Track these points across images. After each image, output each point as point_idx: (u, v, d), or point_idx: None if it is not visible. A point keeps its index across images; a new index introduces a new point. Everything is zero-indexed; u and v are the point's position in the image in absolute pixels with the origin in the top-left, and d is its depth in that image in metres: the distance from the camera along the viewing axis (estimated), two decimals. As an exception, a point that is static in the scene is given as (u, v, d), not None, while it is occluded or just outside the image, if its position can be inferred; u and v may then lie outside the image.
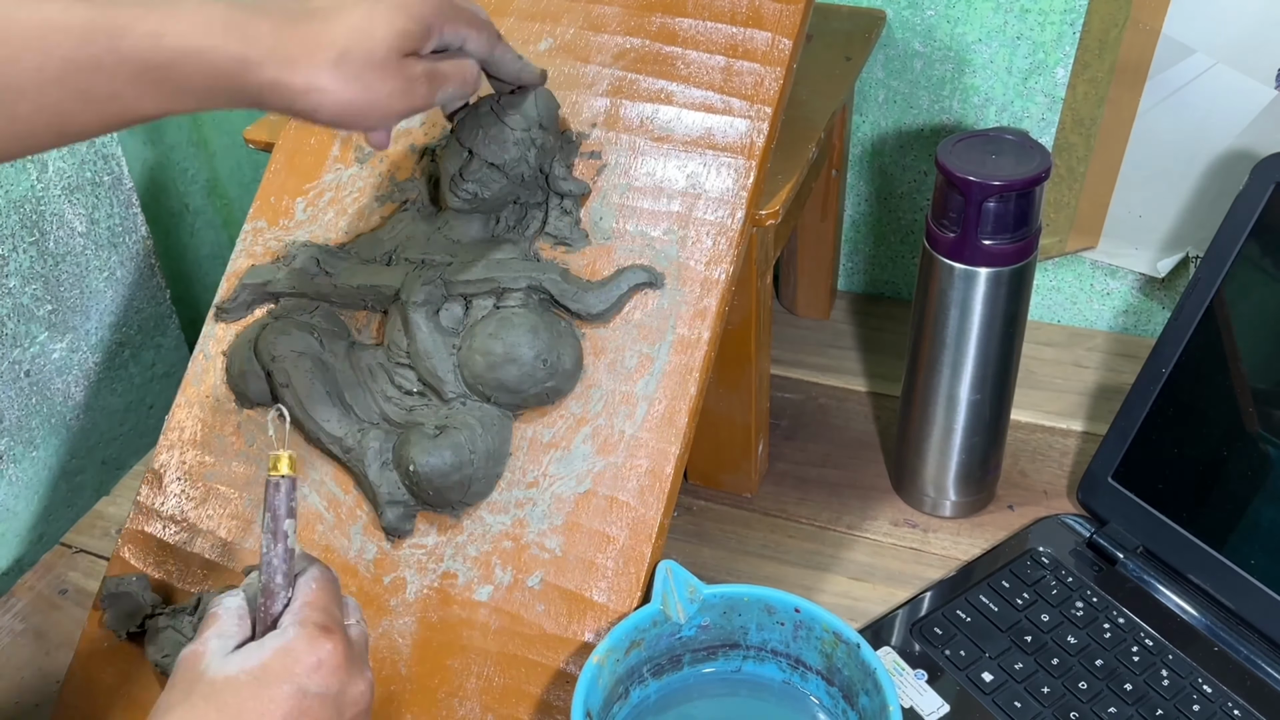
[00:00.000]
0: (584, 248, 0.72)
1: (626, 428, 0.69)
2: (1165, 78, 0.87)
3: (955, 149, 0.73)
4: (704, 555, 0.84)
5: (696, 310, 0.69)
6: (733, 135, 0.71)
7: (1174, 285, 0.98)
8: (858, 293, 1.10)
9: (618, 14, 0.75)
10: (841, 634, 0.64)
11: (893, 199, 1.04)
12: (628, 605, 0.66)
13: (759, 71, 0.72)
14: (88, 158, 0.97)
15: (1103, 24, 0.88)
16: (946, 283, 0.75)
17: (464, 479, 0.68)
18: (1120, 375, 0.97)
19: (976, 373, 0.78)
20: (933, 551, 0.83)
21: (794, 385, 0.99)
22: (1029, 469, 0.89)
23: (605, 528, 0.68)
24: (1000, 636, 0.75)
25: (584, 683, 0.61)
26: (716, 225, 0.70)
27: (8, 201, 0.90)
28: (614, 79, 0.74)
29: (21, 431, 0.94)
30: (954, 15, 0.92)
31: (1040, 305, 1.04)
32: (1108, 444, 0.82)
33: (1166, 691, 0.71)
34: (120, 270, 1.02)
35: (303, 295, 0.75)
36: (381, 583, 0.71)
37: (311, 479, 0.73)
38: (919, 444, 0.83)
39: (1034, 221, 0.73)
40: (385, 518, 0.70)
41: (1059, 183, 0.95)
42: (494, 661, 0.68)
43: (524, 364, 0.69)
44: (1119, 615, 0.76)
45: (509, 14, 0.77)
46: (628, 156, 0.73)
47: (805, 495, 0.88)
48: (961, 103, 0.96)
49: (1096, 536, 0.80)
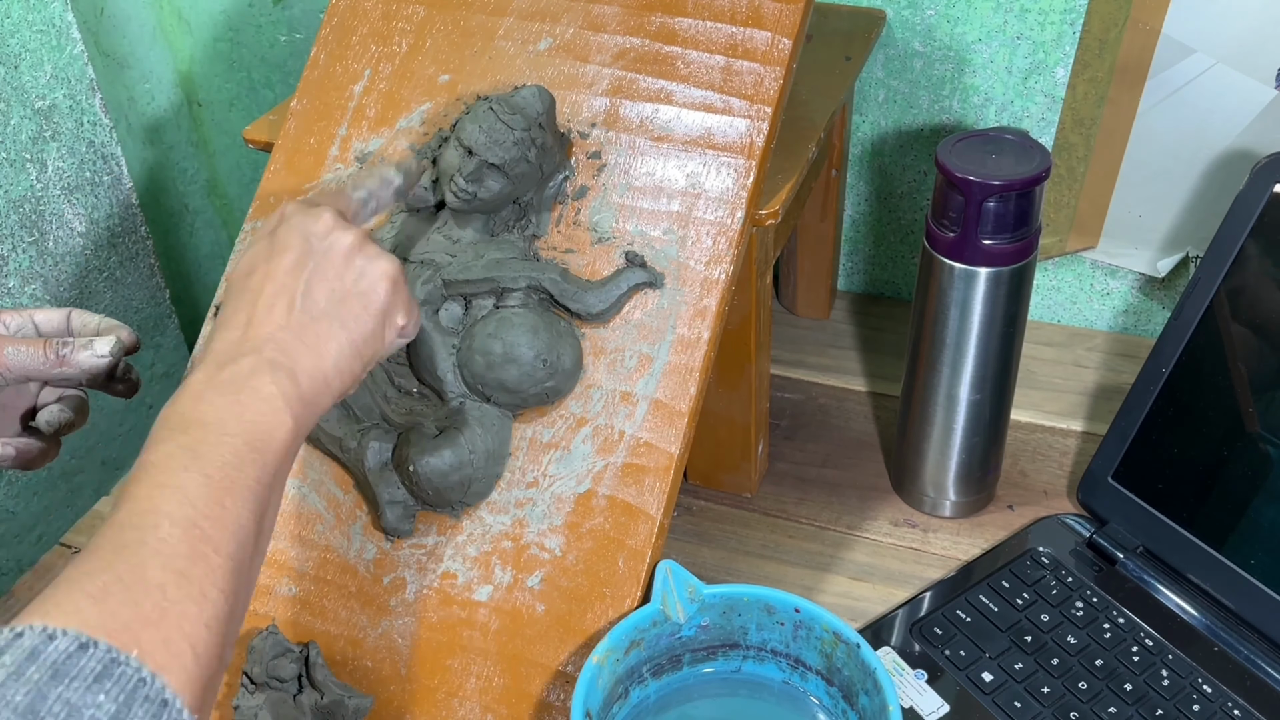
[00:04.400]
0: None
1: (626, 428, 0.69)
2: (1165, 78, 0.87)
3: (955, 149, 0.73)
4: (704, 555, 0.84)
5: (696, 310, 0.69)
6: (733, 135, 0.71)
7: (1174, 285, 0.98)
8: (858, 293, 1.10)
9: (617, 13, 0.75)
10: (841, 634, 0.64)
11: (893, 199, 1.04)
12: (627, 605, 0.66)
13: (759, 71, 0.71)
14: (87, 158, 0.97)
15: (1103, 24, 0.88)
16: (946, 283, 0.75)
17: (464, 479, 0.68)
18: (1120, 375, 0.97)
19: (976, 373, 0.78)
20: (933, 551, 0.83)
21: (794, 385, 0.99)
22: (1029, 469, 0.89)
23: (605, 528, 0.68)
24: (1000, 636, 0.75)
25: (584, 683, 0.61)
26: (716, 225, 0.70)
27: (8, 201, 0.90)
28: (614, 79, 0.74)
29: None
30: (954, 15, 0.92)
31: (1040, 305, 1.04)
32: (1108, 444, 0.82)
33: (1166, 691, 0.71)
34: (120, 270, 1.02)
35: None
36: (381, 583, 0.71)
37: (311, 479, 0.73)
38: (919, 444, 0.83)
39: (1034, 221, 0.73)
40: (385, 518, 0.70)
41: (1059, 183, 0.95)
42: (494, 661, 0.68)
43: (524, 364, 0.69)
44: (1119, 615, 0.76)
45: (509, 13, 0.77)
46: (627, 156, 0.73)
47: (805, 495, 0.88)
48: (961, 103, 0.96)
49: (1096, 536, 0.80)
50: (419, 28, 0.78)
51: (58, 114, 0.93)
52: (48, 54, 0.92)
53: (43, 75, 0.91)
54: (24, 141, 0.91)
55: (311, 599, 0.72)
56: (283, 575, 0.72)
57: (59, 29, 0.92)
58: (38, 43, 0.91)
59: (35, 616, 0.42)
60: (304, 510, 0.73)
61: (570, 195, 0.73)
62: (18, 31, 0.89)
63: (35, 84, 0.91)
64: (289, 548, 0.73)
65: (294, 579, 0.72)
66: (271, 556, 0.73)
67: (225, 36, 1.16)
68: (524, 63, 0.75)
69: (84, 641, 0.41)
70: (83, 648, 0.41)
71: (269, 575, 0.73)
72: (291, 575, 0.72)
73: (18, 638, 0.41)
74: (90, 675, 0.40)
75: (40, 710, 0.39)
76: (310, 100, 0.80)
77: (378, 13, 0.80)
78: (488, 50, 0.76)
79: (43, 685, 0.39)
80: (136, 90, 1.14)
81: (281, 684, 0.69)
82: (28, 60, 0.90)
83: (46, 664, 0.40)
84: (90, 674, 0.40)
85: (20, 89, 0.90)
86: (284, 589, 0.72)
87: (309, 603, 0.72)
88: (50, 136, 0.93)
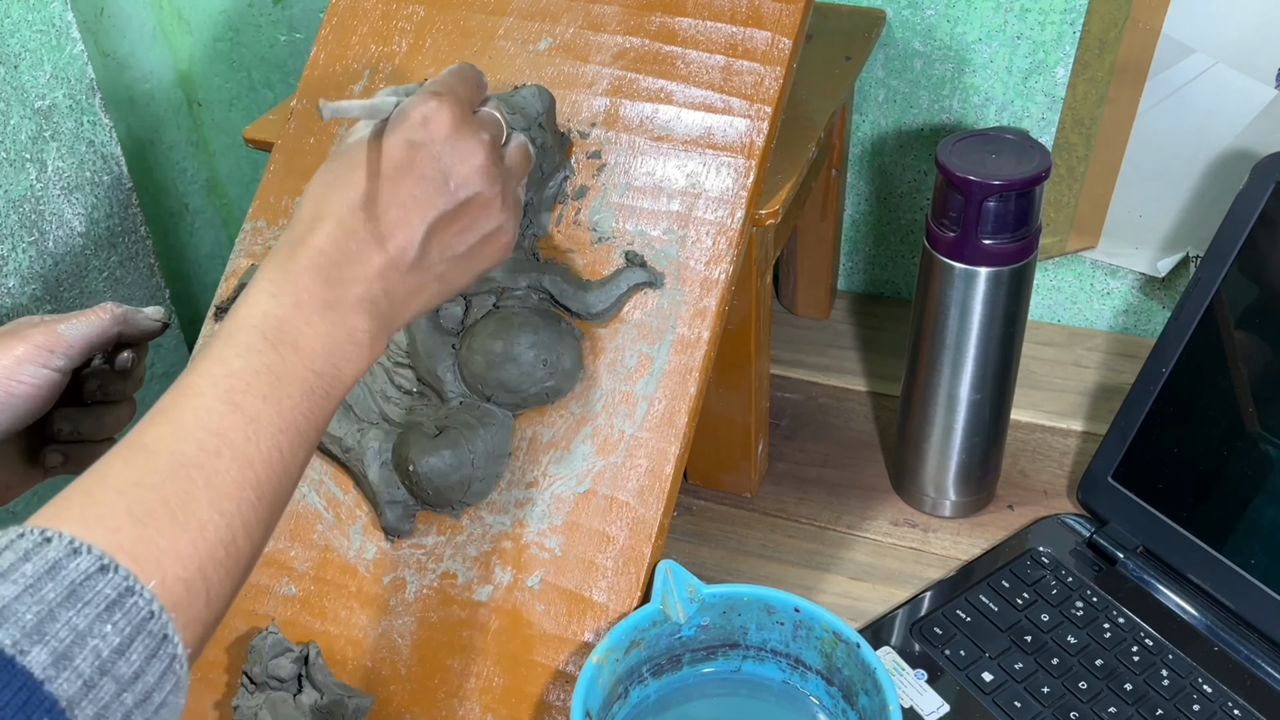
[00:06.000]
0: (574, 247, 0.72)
1: (626, 427, 0.69)
2: (1165, 78, 0.87)
3: (955, 149, 0.73)
4: (704, 555, 0.84)
5: (696, 310, 0.69)
6: (732, 135, 0.71)
7: (1174, 285, 0.98)
8: (858, 292, 1.10)
9: (617, 13, 0.75)
10: (841, 634, 0.64)
11: (893, 199, 1.04)
12: (627, 605, 0.66)
13: (759, 71, 0.71)
14: (87, 157, 0.97)
15: (1103, 24, 0.88)
16: (946, 282, 0.75)
17: (464, 479, 0.68)
18: (1120, 375, 0.97)
19: (976, 373, 0.78)
20: (933, 551, 0.83)
21: (794, 385, 0.99)
22: (1029, 469, 0.89)
23: (605, 527, 0.68)
24: (1000, 636, 0.75)
25: (584, 683, 0.61)
26: (716, 225, 0.70)
27: (7, 201, 0.90)
28: (614, 78, 0.74)
29: (21, 431, 0.93)
30: (954, 15, 0.92)
31: (1040, 305, 1.04)
32: (1108, 444, 0.82)
33: (1166, 691, 0.71)
34: (119, 270, 1.02)
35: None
36: (381, 583, 0.71)
37: (311, 479, 0.73)
38: (919, 444, 0.83)
39: (1034, 221, 0.73)
40: (385, 518, 0.70)
41: (1059, 182, 0.95)
42: (494, 661, 0.68)
43: (524, 364, 0.68)
44: (1119, 615, 0.76)
45: (509, 13, 0.77)
46: (627, 156, 0.73)
47: (805, 495, 0.88)
48: (961, 102, 0.96)
49: (1096, 536, 0.80)
50: (419, 28, 0.78)
51: (57, 114, 0.93)
52: (48, 54, 0.92)
53: (42, 75, 0.91)
54: (24, 141, 0.91)
55: (311, 599, 0.72)
56: (283, 575, 0.72)
57: (59, 29, 0.92)
58: (38, 43, 0.91)
59: (73, 516, 0.42)
60: (304, 510, 0.73)
61: (570, 195, 0.73)
62: (17, 31, 0.89)
63: (35, 84, 0.91)
64: (289, 548, 0.73)
65: (294, 579, 0.72)
66: (271, 556, 0.73)
67: (225, 36, 1.16)
68: (524, 62, 0.75)
69: (105, 564, 0.41)
70: (103, 570, 0.41)
71: (269, 575, 0.73)
72: (291, 575, 0.72)
73: (45, 543, 0.41)
74: (103, 602, 0.40)
75: (47, 633, 0.39)
76: (310, 100, 0.80)
77: (378, 13, 0.80)
78: (488, 50, 0.76)
79: (55, 606, 0.39)
80: (136, 90, 1.14)
81: (281, 684, 0.69)
82: (28, 60, 0.90)
83: (64, 583, 0.40)
84: (103, 600, 0.40)
85: (20, 89, 0.90)
86: (284, 589, 0.72)
87: (309, 603, 0.72)
88: (50, 136, 0.93)
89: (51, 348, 0.62)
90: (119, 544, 0.42)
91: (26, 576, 0.40)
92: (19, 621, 0.39)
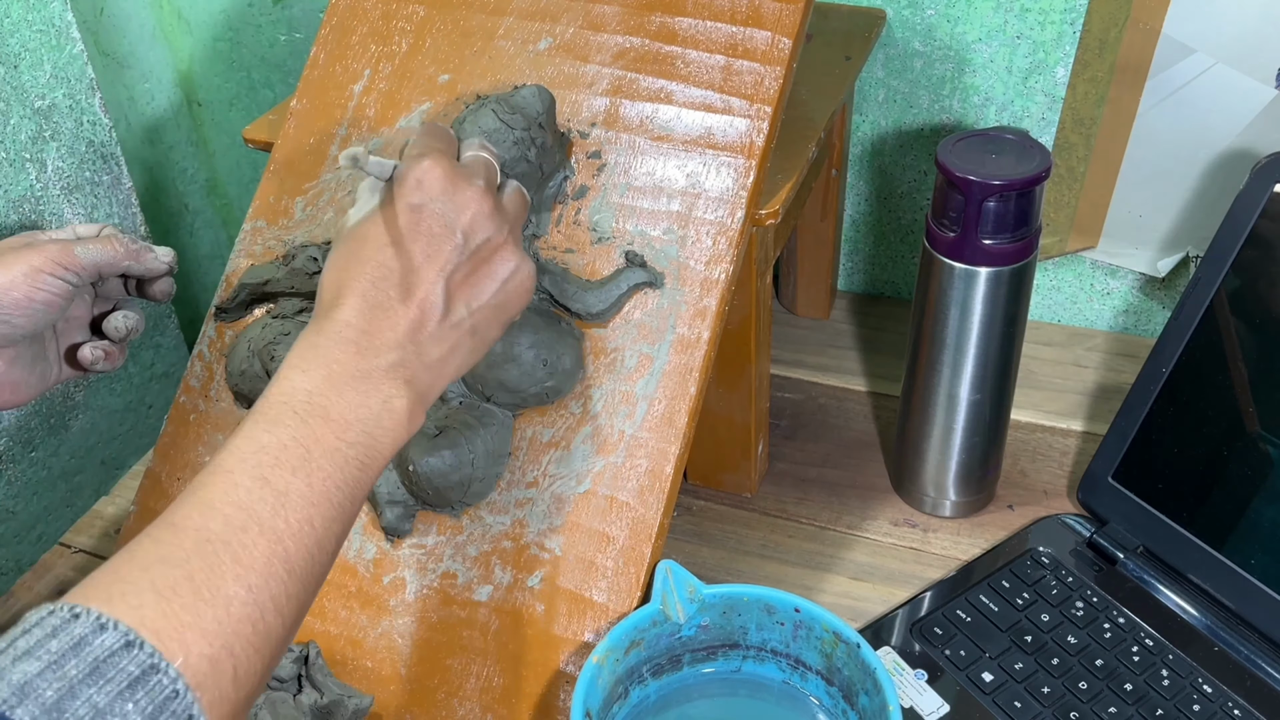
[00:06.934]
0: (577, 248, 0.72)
1: (626, 427, 0.69)
2: (1165, 78, 0.87)
3: (955, 148, 0.73)
4: (704, 555, 0.84)
5: (696, 310, 0.69)
6: (732, 135, 0.71)
7: (1174, 285, 0.98)
8: (858, 293, 1.10)
9: (617, 13, 0.75)
10: (841, 634, 0.64)
11: (893, 199, 1.04)
12: (627, 605, 0.66)
13: (759, 71, 0.71)
14: (87, 157, 0.97)
15: (1103, 24, 0.88)
16: (946, 282, 0.75)
17: (464, 479, 0.68)
18: (1120, 375, 0.97)
19: (976, 373, 0.78)
20: (933, 551, 0.83)
21: (794, 385, 0.99)
22: (1029, 469, 0.89)
23: (605, 528, 0.68)
24: (1000, 636, 0.75)
25: (584, 683, 0.61)
26: (716, 225, 0.70)
27: (7, 201, 0.90)
28: (613, 78, 0.74)
29: (20, 432, 0.93)
30: (954, 15, 0.92)
31: (1040, 305, 1.04)
32: (1108, 444, 0.82)
33: (1166, 691, 0.71)
34: (120, 270, 1.02)
35: (302, 295, 0.75)
36: (381, 583, 0.71)
37: (311, 479, 0.73)
38: (919, 444, 0.83)
39: (1034, 221, 0.73)
40: (385, 518, 0.70)
41: (1059, 182, 0.95)
42: (494, 661, 0.68)
43: (524, 364, 0.68)
44: (1119, 615, 0.76)
45: (509, 13, 0.77)
46: (627, 156, 0.73)
47: (805, 495, 0.88)
48: (961, 102, 0.96)
49: (1096, 536, 0.80)
50: (419, 27, 0.78)
51: (57, 114, 0.93)
52: (47, 54, 0.92)
53: (42, 75, 0.91)
54: (24, 141, 0.91)
55: (311, 599, 0.72)
56: (282, 575, 0.72)
57: (59, 29, 0.92)
58: (37, 42, 0.91)
59: (100, 594, 0.42)
60: (304, 510, 0.73)
61: (570, 195, 0.73)
62: (17, 31, 0.89)
63: (35, 84, 0.91)
64: (289, 548, 0.73)
65: (294, 579, 0.72)
66: (271, 556, 0.73)
67: (225, 36, 1.16)
68: (524, 62, 0.75)
69: (130, 640, 0.40)
70: (128, 646, 0.40)
71: (269, 575, 0.73)
72: (291, 575, 0.72)
73: (73, 619, 0.40)
74: (125, 679, 0.40)
75: (65, 710, 0.38)
76: (310, 100, 0.80)
77: (377, 12, 0.80)
78: (487, 50, 0.76)
79: (76, 683, 0.39)
80: (136, 90, 1.14)
81: (281, 684, 0.69)
82: (27, 60, 0.90)
83: (88, 659, 0.39)
84: (126, 678, 0.40)
85: (20, 89, 0.90)
86: (284, 589, 0.72)
87: (309, 603, 0.72)
88: (50, 136, 0.93)
89: (67, 265, 0.64)
90: (142, 619, 0.41)
91: (51, 653, 0.39)
92: (39, 699, 0.38)
